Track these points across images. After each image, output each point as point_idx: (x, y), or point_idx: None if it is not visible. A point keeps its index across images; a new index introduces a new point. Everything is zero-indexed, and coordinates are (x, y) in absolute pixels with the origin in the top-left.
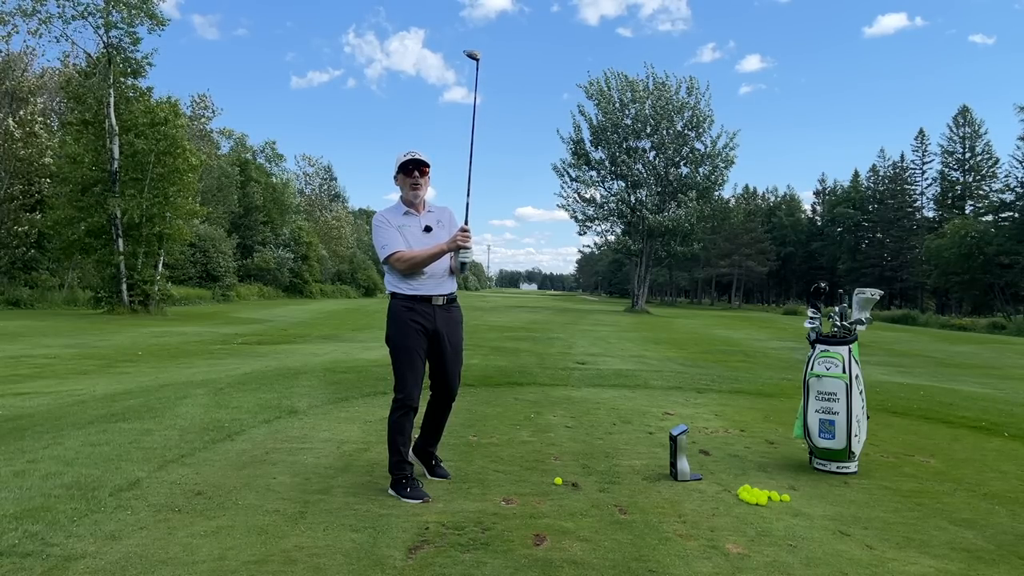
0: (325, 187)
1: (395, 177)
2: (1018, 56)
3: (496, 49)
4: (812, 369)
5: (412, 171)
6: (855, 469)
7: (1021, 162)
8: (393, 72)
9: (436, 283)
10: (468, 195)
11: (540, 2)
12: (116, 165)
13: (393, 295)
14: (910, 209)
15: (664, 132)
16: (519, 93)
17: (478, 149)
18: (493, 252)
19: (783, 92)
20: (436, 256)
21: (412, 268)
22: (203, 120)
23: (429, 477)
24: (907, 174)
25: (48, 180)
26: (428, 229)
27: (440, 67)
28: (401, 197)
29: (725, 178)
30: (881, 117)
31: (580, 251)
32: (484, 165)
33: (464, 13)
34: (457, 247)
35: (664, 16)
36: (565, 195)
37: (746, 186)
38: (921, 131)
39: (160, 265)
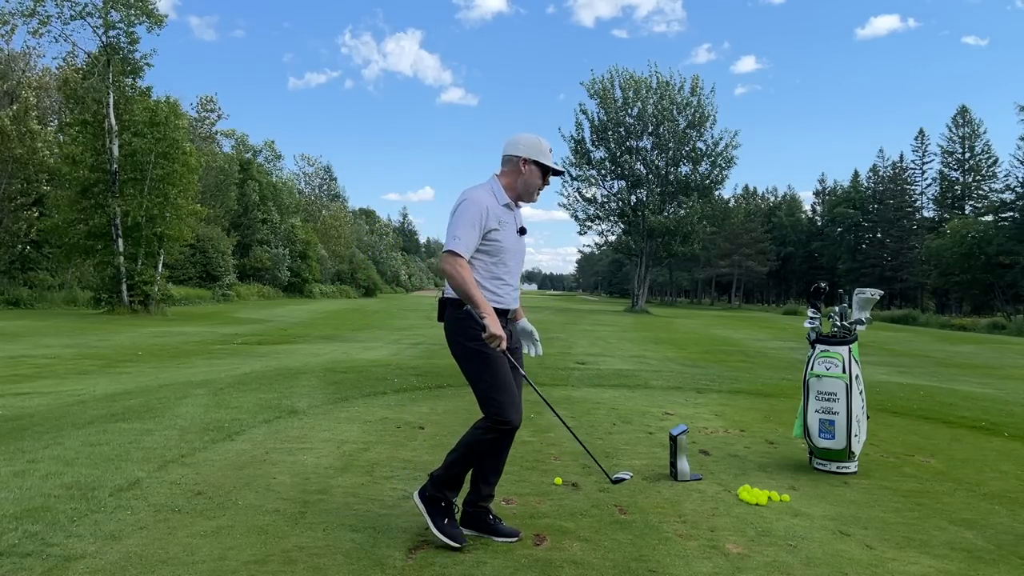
0: (325, 187)
1: (519, 161)
2: (1012, 57)
3: (493, 50)
4: (812, 369)
5: (547, 178)
6: (855, 469)
7: (1021, 162)
8: (390, 73)
9: (515, 295)
10: None
11: (536, 4)
12: (116, 165)
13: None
14: (910, 209)
15: (666, 131)
16: (516, 93)
17: (475, 148)
18: None
19: (779, 93)
20: (476, 305)
21: (450, 280)
22: (208, 122)
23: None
24: (907, 174)
25: (46, 176)
26: (523, 231)
27: (437, 68)
28: (506, 183)
29: (726, 178)
30: (879, 117)
31: (580, 251)
32: (482, 165)
33: (460, 15)
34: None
35: (659, 17)
36: (566, 194)
37: (746, 186)
38: (921, 131)
39: (160, 265)
